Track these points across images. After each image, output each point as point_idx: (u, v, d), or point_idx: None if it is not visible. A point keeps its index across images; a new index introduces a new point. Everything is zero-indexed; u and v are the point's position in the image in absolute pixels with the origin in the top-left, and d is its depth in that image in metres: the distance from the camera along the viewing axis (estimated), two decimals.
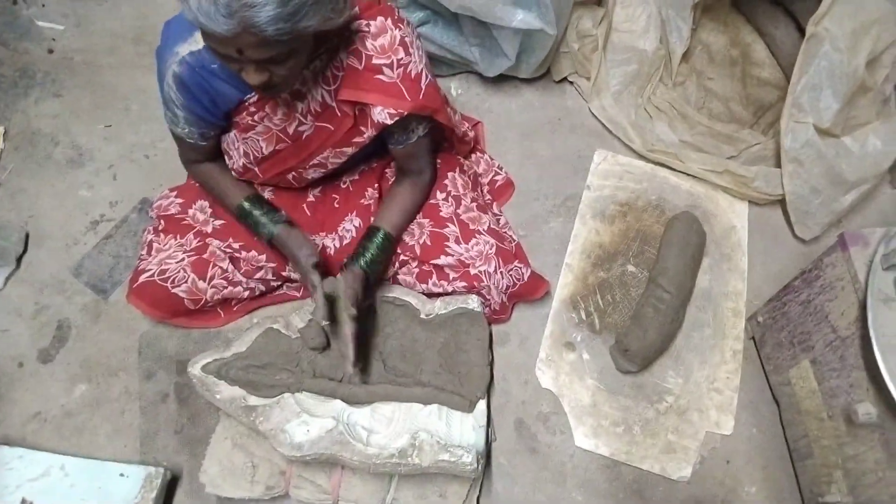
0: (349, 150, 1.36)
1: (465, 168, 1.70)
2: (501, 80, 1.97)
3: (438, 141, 1.66)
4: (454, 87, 2.00)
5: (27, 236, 1.70)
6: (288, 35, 0.94)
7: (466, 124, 1.82)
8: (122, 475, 1.40)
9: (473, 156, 1.82)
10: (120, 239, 1.72)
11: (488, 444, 1.50)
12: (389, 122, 1.25)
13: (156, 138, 1.84)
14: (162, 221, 1.56)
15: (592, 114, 1.95)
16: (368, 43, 1.19)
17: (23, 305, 1.63)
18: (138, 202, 1.76)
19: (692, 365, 1.65)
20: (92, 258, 1.69)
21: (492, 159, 1.84)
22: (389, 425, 1.40)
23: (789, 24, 2.05)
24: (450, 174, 1.63)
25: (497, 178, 1.83)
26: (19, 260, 1.67)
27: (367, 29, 1.19)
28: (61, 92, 1.91)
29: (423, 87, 1.26)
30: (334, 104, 1.27)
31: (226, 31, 0.90)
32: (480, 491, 1.48)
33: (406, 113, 1.25)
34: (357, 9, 1.19)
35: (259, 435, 1.38)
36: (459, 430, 1.41)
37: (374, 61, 1.20)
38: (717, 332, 1.69)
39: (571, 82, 2.01)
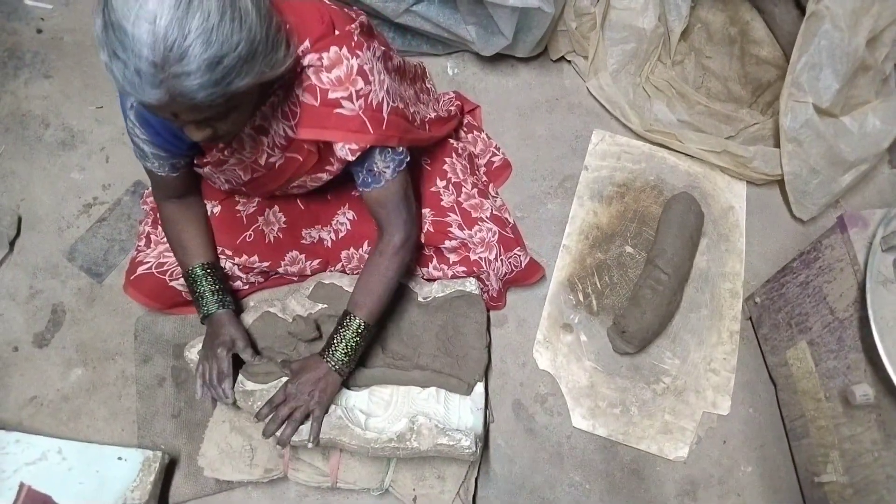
0: (324, 176, 1.31)
1: (461, 151, 1.68)
2: (498, 58, 1.94)
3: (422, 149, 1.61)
4: (450, 67, 1.97)
5: (20, 220, 1.68)
6: (221, 97, 0.90)
7: (452, 94, 1.79)
8: (119, 459, 1.40)
9: (470, 135, 1.80)
10: (114, 222, 1.70)
11: (486, 425, 1.50)
12: (351, 157, 1.18)
13: None
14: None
15: (590, 93, 1.93)
16: (323, 76, 1.11)
17: (17, 290, 1.62)
18: (131, 185, 1.74)
19: (689, 346, 1.65)
20: (86, 241, 1.67)
21: (489, 139, 1.83)
22: (387, 408, 1.40)
23: (789, 2, 2.02)
24: (447, 160, 1.62)
25: (494, 159, 1.81)
26: (12, 244, 1.66)
27: (319, 62, 1.11)
28: (51, 73, 1.88)
29: (386, 117, 1.18)
30: (297, 139, 1.20)
31: (154, 100, 0.86)
32: (478, 472, 1.49)
33: (368, 147, 1.18)
34: (308, 42, 1.10)
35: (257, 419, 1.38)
36: (457, 412, 1.41)
37: (331, 95, 1.12)
38: (715, 313, 1.69)
39: (569, 61, 1.98)
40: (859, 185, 1.86)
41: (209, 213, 1.47)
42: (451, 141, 1.67)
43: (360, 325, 1.29)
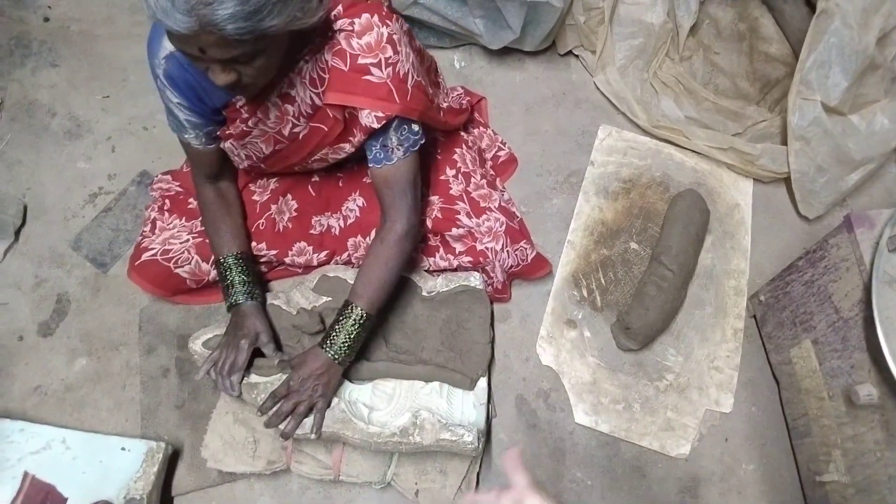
0: (347, 147, 1.31)
1: (471, 143, 1.68)
2: (505, 52, 1.93)
3: (433, 135, 1.61)
4: (457, 60, 1.96)
5: (25, 209, 1.69)
6: (249, 34, 0.90)
7: (461, 90, 1.79)
8: (123, 449, 1.40)
9: (477, 130, 1.80)
10: (119, 212, 1.70)
11: (488, 420, 1.51)
12: (377, 125, 1.19)
13: (154, 110, 1.81)
14: (167, 201, 1.54)
15: (597, 88, 1.93)
16: (354, 42, 1.13)
17: (22, 279, 1.62)
18: (137, 175, 1.74)
19: (693, 343, 1.65)
20: (91, 231, 1.68)
21: (495, 134, 1.82)
22: (390, 402, 1.40)
23: None
24: (457, 150, 1.62)
25: (500, 153, 1.81)
26: (18, 233, 1.66)
27: (350, 27, 1.13)
28: (58, 61, 1.88)
29: (410, 89, 1.19)
30: (324, 107, 1.21)
31: (184, 28, 0.86)
32: (480, 466, 1.49)
33: (394, 115, 1.19)
34: (340, 7, 1.12)
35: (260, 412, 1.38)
36: (460, 407, 1.41)
37: (360, 61, 1.13)
38: (719, 311, 1.69)
39: (576, 55, 1.98)
40: (867, 184, 1.85)
41: None
42: (462, 133, 1.67)
43: (360, 314, 1.28)
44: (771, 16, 2.09)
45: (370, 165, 1.29)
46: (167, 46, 1.13)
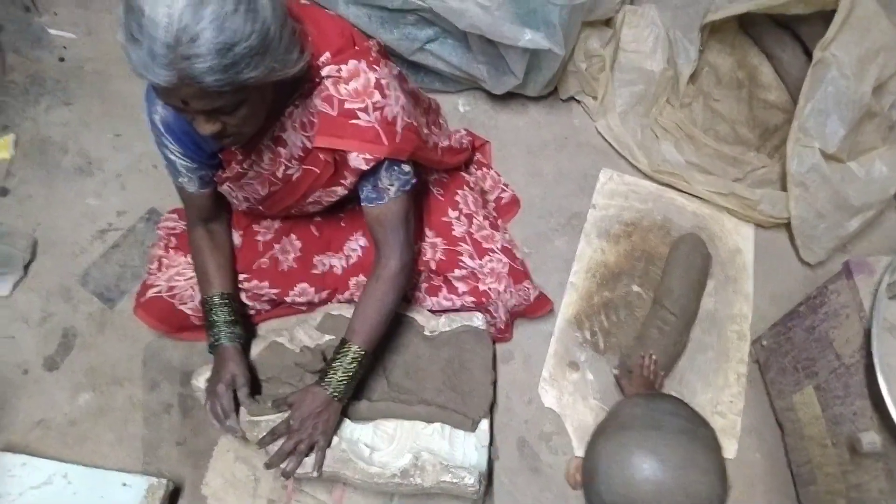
0: (339, 190, 1.34)
1: (473, 184, 1.70)
2: (509, 97, 1.97)
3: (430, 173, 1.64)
4: (461, 104, 2.00)
5: (35, 244, 1.71)
6: (229, 86, 0.92)
7: (463, 132, 1.82)
8: (124, 485, 1.40)
9: (480, 172, 1.83)
10: (127, 248, 1.72)
11: (490, 463, 1.50)
12: (365, 167, 1.21)
13: None
14: (172, 238, 1.56)
15: (599, 133, 1.96)
16: (341, 87, 1.15)
17: (29, 313, 1.63)
18: (146, 212, 1.77)
19: (696, 388, 1.65)
20: (99, 267, 1.69)
21: (498, 176, 1.85)
22: (392, 443, 1.40)
23: (796, 47, 2.06)
24: (460, 192, 1.64)
25: (503, 195, 1.83)
26: (27, 267, 1.68)
27: (338, 74, 1.15)
28: (71, 100, 1.92)
29: (400, 131, 1.21)
30: (314, 151, 1.23)
31: (165, 81, 0.88)
32: None
33: (382, 157, 1.20)
34: (328, 54, 1.15)
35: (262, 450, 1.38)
36: (462, 449, 1.41)
37: (348, 106, 1.16)
38: (721, 355, 1.69)
39: (578, 101, 2.02)
40: (867, 230, 1.86)
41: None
42: (464, 174, 1.69)
43: (357, 352, 1.29)
44: (770, 64, 2.13)
45: (363, 205, 1.31)
46: None
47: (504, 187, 1.84)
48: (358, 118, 1.17)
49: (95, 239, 1.73)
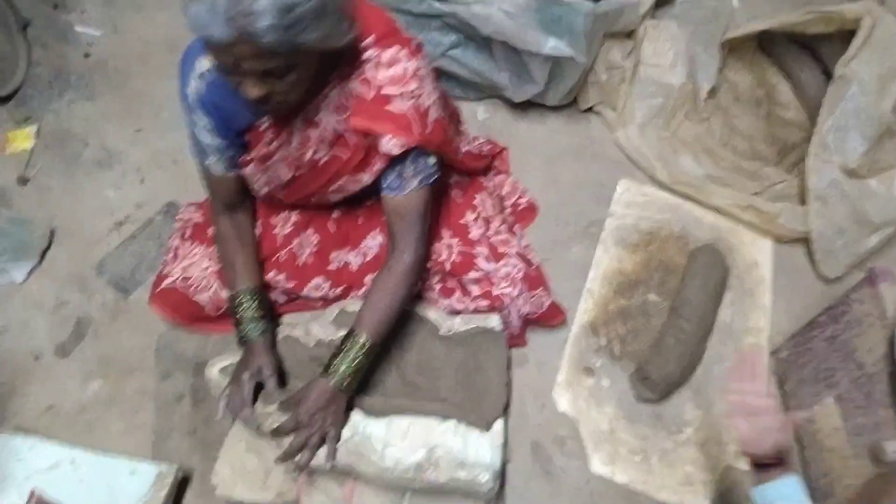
0: (364, 177, 1.33)
1: (491, 189, 1.71)
2: (528, 106, 1.99)
3: (451, 174, 1.64)
4: (481, 112, 2.02)
5: (52, 232, 1.71)
6: (285, 48, 0.93)
7: (482, 139, 1.83)
8: (132, 473, 1.39)
9: (498, 178, 1.83)
10: (143, 240, 1.72)
11: (503, 465, 1.48)
12: (397, 152, 1.20)
13: (184, 144, 1.81)
14: (189, 229, 1.56)
15: (617, 144, 1.97)
16: (380, 72, 1.16)
17: (43, 299, 1.63)
18: (164, 205, 1.77)
19: (712, 398, 1.63)
20: (115, 257, 1.69)
21: (517, 182, 1.85)
22: (405, 439, 1.37)
23: (815, 67, 2.07)
24: (478, 196, 1.64)
25: (521, 201, 1.83)
26: (43, 255, 1.68)
27: (378, 58, 1.17)
28: (94, 95, 1.94)
29: (430, 124, 1.22)
30: (345, 134, 1.24)
31: (223, 38, 0.89)
32: None
33: (413, 145, 1.21)
34: (372, 38, 1.16)
35: (273, 441, 1.36)
36: (476, 448, 1.38)
37: (385, 91, 1.16)
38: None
39: (597, 112, 2.03)
40: (885, 247, 1.85)
41: None
42: (482, 179, 1.70)
43: (364, 343, 1.28)
44: (788, 83, 2.14)
45: (383, 194, 1.31)
46: (199, 67, 1.17)
47: (522, 193, 1.84)
48: (393, 104, 1.17)
49: (113, 230, 1.74)
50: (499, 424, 1.42)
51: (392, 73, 1.16)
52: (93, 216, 1.75)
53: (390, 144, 1.20)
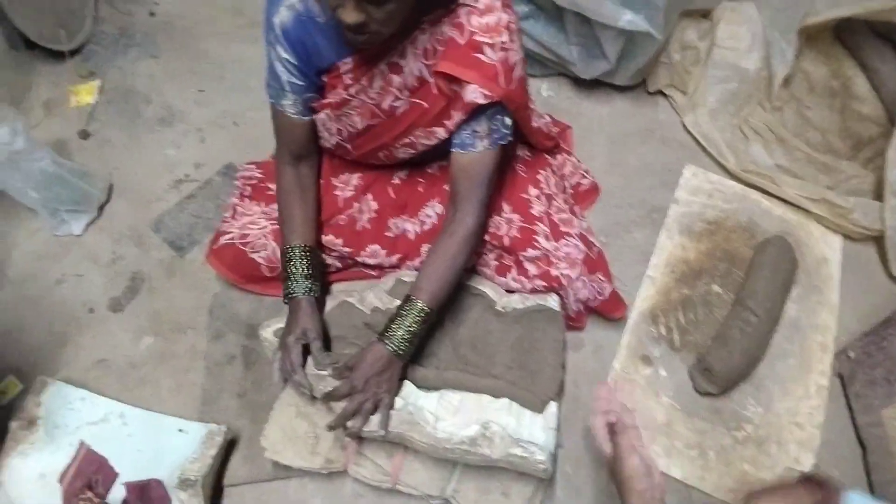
0: (439, 132, 1.30)
1: (556, 167, 1.66)
2: (593, 86, 1.93)
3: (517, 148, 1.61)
4: (545, 89, 1.97)
5: (111, 187, 1.71)
6: None
7: (548, 118, 1.78)
8: (180, 430, 1.38)
9: (560, 157, 1.78)
10: (202, 200, 1.71)
11: (555, 449, 1.43)
12: (482, 101, 1.18)
13: (246, 107, 1.84)
14: (248, 188, 1.55)
15: (685, 128, 1.91)
16: (474, 19, 1.14)
17: (99, 253, 1.63)
18: (223, 166, 1.76)
19: (774, 395, 1.56)
20: (172, 215, 1.69)
21: (579, 162, 1.80)
22: (456, 414, 1.34)
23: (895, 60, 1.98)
24: (542, 172, 1.59)
25: (583, 181, 1.78)
26: (101, 208, 1.68)
27: (475, 4, 1.14)
28: (158, 54, 1.94)
29: (515, 80, 1.20)
30: (431, 81, 1.22)
31: None
32: (542, 496, 1.41)
33: (496, 98, 1.18)
34: None
35: (324, 407, 1.34)
36: (529, 428, 1.34)
37: (477, 38, 1.14)
38: (803, 365, 1.61)
39: (666, 95, 1.96)
40: None
41: None
42: (548, 156, 1.65)
43: (421, 308, 1.25)
44: (865, 76, 2.04)
45: (453, 150, 1.28)
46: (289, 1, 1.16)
47: (584, 174, 1.79)
48: (483, 53, 1.14)
49: (171, 188, 1.73)
50: (553, 406, 1.38)
51: (487, 21, 1.13)
52: (152, 173, 1.75)
53: (476, 93, 1.17)
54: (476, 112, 1.21)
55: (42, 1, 1.83)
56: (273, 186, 1.51)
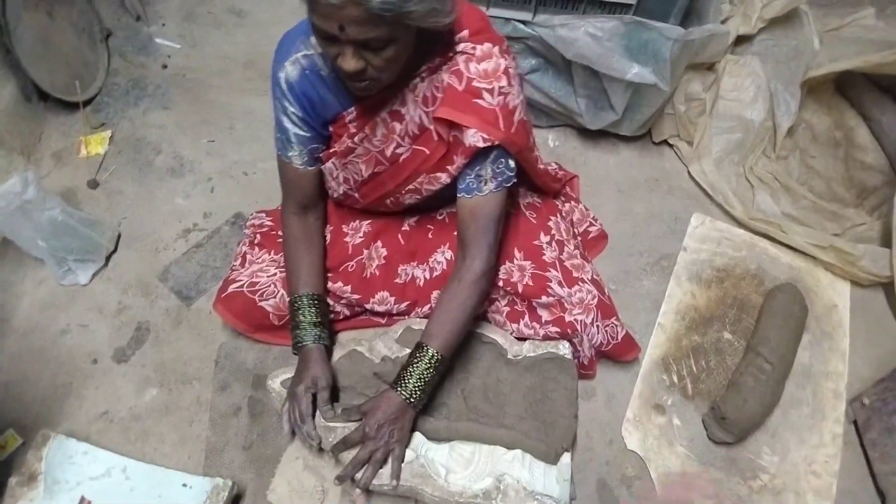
0: (443, 177, 1.31)
1: (565, 213, 1.66)
2: (599, 136, 1.96)
3: (525, 188, 1.62)
4: (552, 139, 1.99)
5: (119, 236, 1.71)
6: (391, 12, 0.92)
7: (555, 165, 1.79)
8: (185, 485, 1.34)
9: (569, 204, 1.79)
10: (210, 249, 1.71)
11: (570, 501, 1.40)
12: (482, 144, 1.19)
13: (256, 158, 1.86)
14: (258, 235, 1.55)
15: (692, 177, 1.92)
16: (472, 66, 1.16)
17: (106, 303, 1.62)
18: (232, 216, 1.76)
19: (789, 444, 1.54)
20: (180, 265, 1.68)
21: (587, 210, 1.81)
22: (468, 466, 1.32)
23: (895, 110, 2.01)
24: (553, 217, 1.60)
25: (591, 229, 1.78)
26: (108, 258, 1.67)
27: (472, 51, 1.16)
28: (170, 105, 1.96)
29: (516, 123, 1.21)
30: (431, 127, 1.23)
31: None
32: None
33: (497, 141, 1.19)
34: (466, 31, 1.16)
35: (334, 458, 1.31)
36: (542, 480, 1.32)
37: (475, 84, 1.15)
38: (817, 413, 1.58)
39: (671, 145, 1.98)
40: None
41: None
42: (556, 202, 1.66)
43: (433, 356, 1.24)
44: (867, 126, 2.08)
45: (459, 195, 1.28)
46: (294, 53, 1.18)
47: (593, 221, 1.79)
48: (482, 98, 1.16)
49: (179, 237, 1.73)
50: (566, 458, 1.35)
51: (485, 67, 1.15)
52: (161, 223, 1.75)
53: (476, 138, 1.18)
54: (478, 156, 1.22)
55: (58, 53, 1.87)
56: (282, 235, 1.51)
